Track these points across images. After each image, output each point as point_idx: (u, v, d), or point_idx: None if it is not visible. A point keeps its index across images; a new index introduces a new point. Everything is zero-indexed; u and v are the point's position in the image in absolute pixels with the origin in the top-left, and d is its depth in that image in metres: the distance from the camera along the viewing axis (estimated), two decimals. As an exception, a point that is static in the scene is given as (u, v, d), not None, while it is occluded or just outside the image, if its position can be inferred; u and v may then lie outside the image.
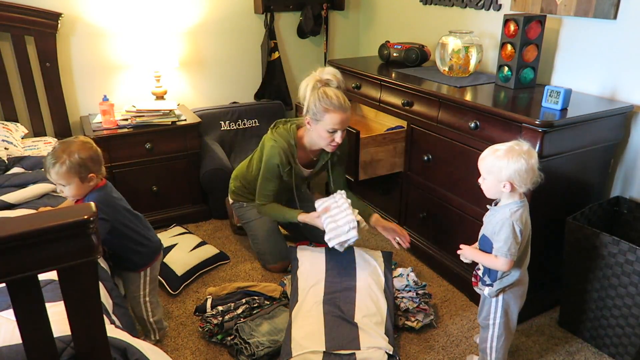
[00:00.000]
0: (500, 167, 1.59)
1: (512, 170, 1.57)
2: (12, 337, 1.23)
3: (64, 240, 0.87)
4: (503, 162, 1.59)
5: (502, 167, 1.59)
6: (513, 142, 1.63)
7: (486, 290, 1.73)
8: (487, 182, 1.66)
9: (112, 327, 1.43)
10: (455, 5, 2.90)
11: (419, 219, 2.62)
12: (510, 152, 1.59)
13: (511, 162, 1.57)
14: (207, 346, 2.07)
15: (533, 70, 2.32)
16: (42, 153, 2.55)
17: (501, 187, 1.61)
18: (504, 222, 1.61)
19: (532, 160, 1.59)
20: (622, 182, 2.23)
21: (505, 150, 1.60)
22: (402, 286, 2.23)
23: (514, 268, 1.67)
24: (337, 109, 2.16)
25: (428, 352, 2.04)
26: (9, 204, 2.07)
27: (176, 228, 2.87)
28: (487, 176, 1.65)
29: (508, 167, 1.58)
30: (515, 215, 1.61)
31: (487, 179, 1.65)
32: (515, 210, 1.62)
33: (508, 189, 1.61)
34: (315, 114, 2.19)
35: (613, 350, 1.99)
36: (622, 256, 1.83)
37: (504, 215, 1.62)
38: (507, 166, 1.58)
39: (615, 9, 2.10)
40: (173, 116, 2.87)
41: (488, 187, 1.66)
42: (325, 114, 2.17)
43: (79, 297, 0.95)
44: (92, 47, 2.98)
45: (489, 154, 1.64)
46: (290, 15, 3.53)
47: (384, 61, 3.07)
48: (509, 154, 1.59)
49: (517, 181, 1.59)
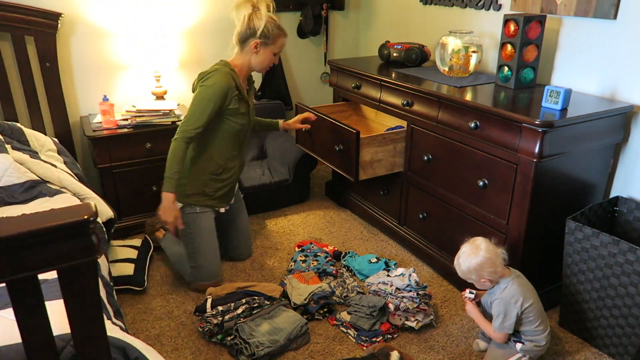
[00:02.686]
0: (470, 271, 1.84)
1: (476, 269, 1.82)
2: (12, 337, 1.23)
3: (64, 240, 0.87)
4: (469, 266, 1.83)
5: (471, 270, 1.84)
6: (470, 243, 1.88)
7: (518, 346, 1.89)
8: (475, 282, 1.89)
9: (113, 326, 1.44)
10: (455, 5, 2.90)
11: (419, 219, 2.62)
12: (467, 256, 1.84)
13: (471, 264, 1.82)
14: (207, 346, 2.07)
15: (533, 70, 2.32)
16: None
17: (483, 283, 1.86)
18: (497, 300, 1.84)
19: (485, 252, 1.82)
20: (622, 182, 2.23)
21: (464, 257, 1.85)
22: (403, 285, 2.23)
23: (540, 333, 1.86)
24: (285, 34, 2.32)
25: (428, 352, 2.04)
26: None
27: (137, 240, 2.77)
28: (470, 279, 1.88)
29: (472, 269, 1.83)
30: (504, 293, 1.83)
31: (473, 280, 1.88)
32: (504, 288, 1.84)
33: (488, 284, 1.86)
34: (268, 38, 2.25)
35: (613, 350, 1.99)
36: (622, 256, 1.83)
37: (496, 294, 1.85)
38: (472, 270, 1.83)
39: (615, 9, 2.10)
40: (173, 116, 2.87)
41: (479, 285, 1.89)
42: (278, 38, 2.28)
43: (79, 297, 0.95)
44: (92, 47, 2.98)
45: (456, 267, 1.90)
46: (290, 15, 3.52)
47: (384, 61, 3.07)
48: (467, 257, 1.84)
49: (488, 273, 1.83)
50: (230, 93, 2.21)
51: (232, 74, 2.24)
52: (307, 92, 3.78)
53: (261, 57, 2.29)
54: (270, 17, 2.24)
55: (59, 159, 2.58)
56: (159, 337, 2.12)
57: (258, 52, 2.27)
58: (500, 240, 2.14)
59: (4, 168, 2.18)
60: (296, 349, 2.05)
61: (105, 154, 2.74)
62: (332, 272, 2.49)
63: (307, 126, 2.70)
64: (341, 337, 2.12)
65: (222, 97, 2.19)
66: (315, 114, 2.73)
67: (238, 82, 2.26)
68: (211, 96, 2.17)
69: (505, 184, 2.07)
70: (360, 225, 3.06)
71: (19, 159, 2.29)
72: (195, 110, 2.18)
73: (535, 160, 1.92)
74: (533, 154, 1.91)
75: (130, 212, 2.92)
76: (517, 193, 2.03)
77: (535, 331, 1.86)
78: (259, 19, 2.22)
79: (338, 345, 2.07)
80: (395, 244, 2.84)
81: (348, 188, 3.23)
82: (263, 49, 2.27)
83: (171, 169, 2.16)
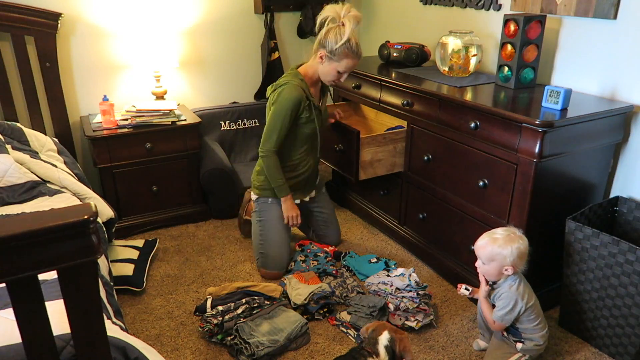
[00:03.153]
0: (505, 255, 1.78)
1: (515, 256, 1.77)
2: (12, 337, 1.23)
3: (64, 240, 0.87)
4: (507, 250, 1.77)
5: (506, 255, 1.78)
6: (507, 229, 1.84)
7: (519, 346, 1.89)
8: (489, 268, 1.83)
9: (113, 326, 1.44)
10: (455, 5, 2.90)
11: (419, 219, 2.62)
12: (510, 240, 1.79)
13: (514, 248, 1.77)
14: (207, 346, 2.07)
15: (533, 70, 2.32)
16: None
17: (503, 270, 1.81)
18: (505, 294, 1.83)
19: (526, 244, 1.80)
20: (622, 182, 2.22)
21: (505, 239, 1.79)
22: (404, 285, 2.23)
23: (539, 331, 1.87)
24: (355, 57, 2.27)
25: (428, 352, 2.04)
26: None
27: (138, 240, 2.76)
28: (488, 262, 1.82)
29: (512, 254, 1.77)
30: (514, 288, 1.82)
31: (489, 265, 1.83)
32: (514, 284, 1.83)
33: (510, 272, 1.81)
34: (333, 54, 2.25)
35: (613, 350, 1.99)
36: (622, 256, 1.83)
37: (504, 289, 1.84)
38: (510, 253, 1.77)
39: (615, 9, 2.10)
40: (173, 116, 2.87)
41: (490, 272, 1.84)
42: (344, 58, 2.25)
43: (79, 297, 0.95)
44: (92, 47, 2.99)
45: (488, 242, 1.81)
46: (290, 15, 3.53)
47: (384, 61, 3.07)
48: (509, 241, 1.78)
49: (519, 264, 1.80)
50: (303, 103, 2.31)
51: (301, 85, 2.32)
52: (307, 92, 3.78)
53: (325, 69, 2.32)
54: (345, 36, 2.21)
55: (59, 159, 2.58)
56: (159, 337, 2.12)
57: (323, 62, 2.31)
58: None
59: (5, 168, 2.18)
60: (296, 349, 2.05)
61: (105, 154, 2.74)
62: (332, 272, 2.49)
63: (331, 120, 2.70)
64: (341, 337, 2.12)
65: (294, 109, 2.30)
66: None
67: (308, 92, 2.34)
68: (286, 111, 2.28)
69: (505, 184, 2.07)
70: (360, 225, 3.06)
71: (19, 159, 2.30)
72: (274, 127, 2.32)
73: (535, 160, 1.92)
74: (533, 154, 1.91)
75: (130, 212, 2.92)
76: (517, 193, 2.03)
77: (534, 329, 1.86)
78: (334, 34, 2.23)
79: (338, 345, 2.07)
80: (395, 244, 2.84)
81: (348, 188, 3.23)
82: (328, 62, 2.29)
83: (275, 180, 2.39)
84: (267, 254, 2.52)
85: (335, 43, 2.22)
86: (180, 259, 2.69)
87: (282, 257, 2.52)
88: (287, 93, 2.28)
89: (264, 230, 2.53)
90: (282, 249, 2.52)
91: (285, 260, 2.54)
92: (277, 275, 2.52)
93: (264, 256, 2.53)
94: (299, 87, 2.29)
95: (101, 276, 1.77)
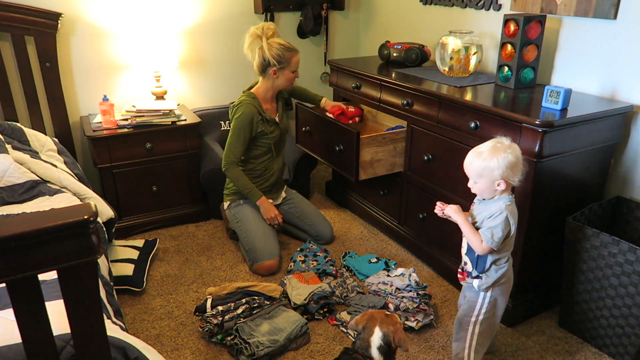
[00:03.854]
0: (492, 168, 1.61)
1: (503, 168, 1.60)
2: (12, 337, 1.23)
3: (64, 240, 0.87)
4: (493, 162, 1.61)
5: (493, 167, 1.61)
6: (494, 140, 1.67)
7: (475, 283, 1.73)
8: (479, 185, 1.68)
9: (113, 326, 1.44)
10: (455, 5, 2.90)
11: (419, 219, 2.62)
12: (496, 151, 1.62)
13: (500, 160, 1.60)
14: (207, 346, 2.07)
15: (533, 70, 2.32)
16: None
17: (496, 186, 1.64)
18: (499, 213, 1.64)
19: (517, 152, 1.63)
20: (622, 182, 2.22)
21: (490, 150, 1.63)
22: (403, 285, 2.23)
23: (504, 260, 1.70)
24: (296, 52, 2.56)
25: (428, 352, 2.04)
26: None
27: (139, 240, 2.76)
28: (478, 179, 1.67)
29: (499, 165, 1.60)
30: (509, 209, 1.64)
31: (479, 182, 1.67)
32: (509, 203, 1.65)
33: (503, 186, 1.63)
34: (282, 62, 2.51)
35: (613, 350, 1.99)
36: (622, 256, 1.83)
37: (498, 207, 1.65)
38: (498, 165, 1.60)
39: (615, 9, 2.10)
40: (173, 116, 2.87)
41: (482, 189, 1.68)
42: (291, 59, 2.53)
43: (79, 297, 0.95)
44: (92, 47, 2.98)
45: (474, 157, 1.66)
46: (290, 15, 3.53)
47: (384, 61, 3.07)
48: (495, 152, 1.61)
49: (511, 176, 1.62)
50: (255, 118, 2.54)
51: (253, 103, 2.56)
52: (307, 92, 3.78)
53: (282, 80, 2.58)
54: (277, 43, 2.50)
55: (59, 158, 2.58)
56: (159, 337, 2.12)
57: (278, 76, 2.56)
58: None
59: (5, 168, 2.18)
60: (296, 349, 2.05)
61: (105, 154, 2.74)
62: (332, 272, 2.49)
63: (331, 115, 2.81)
64: (341, 337, 2.12)
65: (249, 125, 2.54)
66: (315, 114, 2.73)
67: (260, 109, 2.58)
68: (240, 126, 2.54)
69: (505, 184, 2.07)
70: (360, 225, 3.06)
71: (19, 159, 2.30)
72: (233, 141, 2.56)
73: (535, 160, 1.91)
74: (533, 154, 1.91)
75: (130, 212, 2.92)
76: (517, 193, 2.02)
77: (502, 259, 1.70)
78: (269, 49, 2.49)
79: (338, 345, 2.07)
80: (395, 244, 2.84)
81: (348, 188, 3.23)
82: (281, 72, 2.55)
83: (244, 187, 2.60)
84: (253, 247, 2.55)
85: (276, 54, 2.48)
86: (180, 259, 2.69)
87: (269, 244, 2.56)
88: (240, 111, 2.54)
89: (243, 227, 2.63)
90: (266, 236, 2.58)
91: (273, 246, 2.57)
92: (273, 265, 2.53)
93: (252, 251, 2.55)
94: (251, 105, 2.54)
95: (101, 276, 1.77)
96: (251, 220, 2.62)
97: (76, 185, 2.34)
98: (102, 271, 1.83)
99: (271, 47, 2.48)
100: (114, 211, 2.36)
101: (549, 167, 1.97)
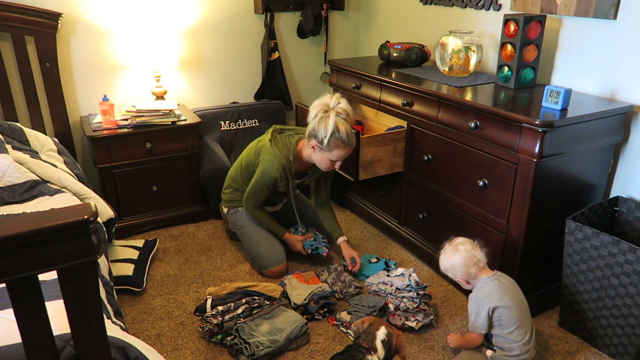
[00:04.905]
0: (446, 269, 1.93)
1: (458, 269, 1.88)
2: (12, 337, 1.23)
3: (64, 240, 0.87)
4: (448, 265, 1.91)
5: (447, 269, 1.93)
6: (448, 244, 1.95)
7: (489, 353, 1.86)
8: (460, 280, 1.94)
9: (113, 326, 1.44)
10: (455, 5, 2.90)
11: (419, 219, 2.62)
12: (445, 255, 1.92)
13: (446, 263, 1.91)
14: (207, 346, 2.07)
15: (533, 70, 2.32)
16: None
17: (459, 281, 1.93)
18: (472, 298, 1.85)
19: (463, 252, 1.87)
20: (622, 182, 2.22)
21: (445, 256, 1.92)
22: (404, 285, 2.23)
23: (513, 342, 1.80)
24: (346, 146, 2.27)
25: (428, 352, 2.04)
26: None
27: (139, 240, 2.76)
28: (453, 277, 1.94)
29: (453, 267, 1.89)
30: (480, 292, 1.83)
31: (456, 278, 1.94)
32: (481, 286, 1.85)
33: (464, 282, 1.91)
34: (324, 144, 2.24)
35: (613, 350, 1.99)
36: (622, 256, 1.83)
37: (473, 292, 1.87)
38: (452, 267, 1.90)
39: (615, 9, 2.10)
40: (173, 116, 2.87)
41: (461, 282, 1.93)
42: (335, 149, 2.25)
43: (79, 297, 0.95)
44: (92, 47, 2.98)
45: (440, 262, 1.96)
46: (290, 15, 3.52)
47: (384, 61, 3.07)
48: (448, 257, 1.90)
49: (460, 273, 1.88)
50: (279, 181, 2.41)
51: (286, 167, 2.39)
52: (307, 92, 3.78)
53: (318, 158, 2.34)
54: (337, 127, 2.20)
55: (59, 158, 2.58)
56: (159, 337, 2.12)
57: (315, 152, 2.33)
58: (500, 240, 2.14)
59: (5, 168, 2.18)
60: (296, 349, 2.05)
61: (105, 154, 2.74)
62: (323, 254, 2.55)
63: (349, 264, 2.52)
64: (341, 337, 2.12)
65: (272, 183, 2.42)
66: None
67: (289, 173, 2.41)
68: (263, 182, 2.43)
69: (505, 184, 2.07)
70: (360, 225, 3.06)
71: (19, 158, 2.30)
72: (255, 191, 2.48)
73: (535, 160, 1.92)
74: (533, 154, 1.91)
75: (130, 212, 2.92)
76: (517, 193, 2.03)
77: (506, 338, 1.79)
78: (325, 125, 2.21)
79: (338, 345, 2.07)
80: (395, 244, 2.84)
81: (348, 188, 3.23)
82: (319, 151, 2.31)
83: (269, 225, 2.57)
84: (259, 255, 2.53)
85: (324, 134, 2.21)
86: (180, 259, 2.69)
87: (275, 250, 2.55)
88: (267, 168, 2.38)
89: (246, 234, 2.60)
90: (271, 244, 2.56)
91: (279, 252, 2.55)
92: (282, 269, 2.53)
93: (259, 259, 2.54)
94: (280, 167, 2.36)
95: (101, 276, 1.77)
96: (252, 227, 2.60)
97: (76, 185, 2.34)
98: (102, 271, 1.83)
99: (327, 125, 2.20)
100: (114, 211, 2.36)
101: (549, 167, 1.97)
